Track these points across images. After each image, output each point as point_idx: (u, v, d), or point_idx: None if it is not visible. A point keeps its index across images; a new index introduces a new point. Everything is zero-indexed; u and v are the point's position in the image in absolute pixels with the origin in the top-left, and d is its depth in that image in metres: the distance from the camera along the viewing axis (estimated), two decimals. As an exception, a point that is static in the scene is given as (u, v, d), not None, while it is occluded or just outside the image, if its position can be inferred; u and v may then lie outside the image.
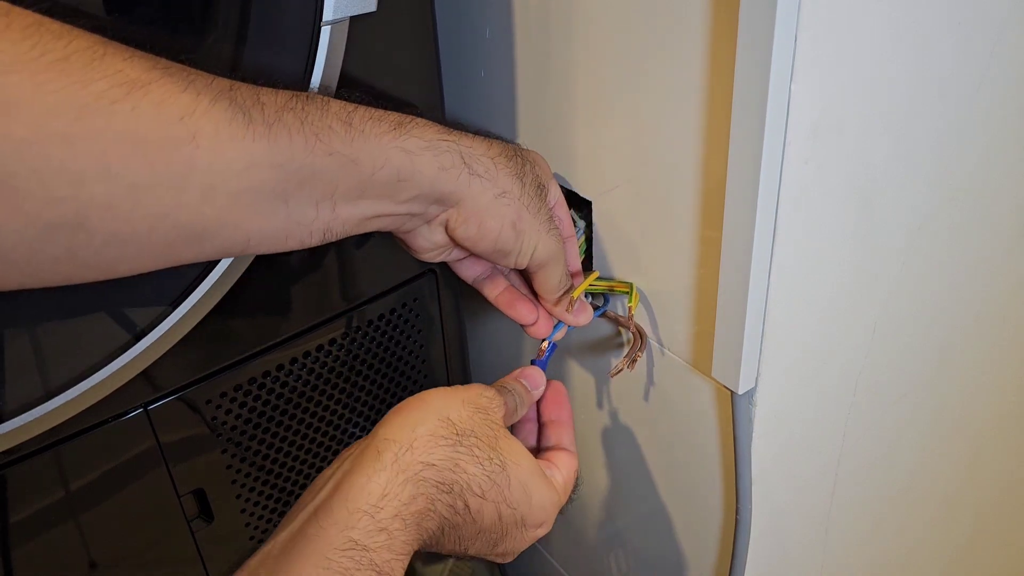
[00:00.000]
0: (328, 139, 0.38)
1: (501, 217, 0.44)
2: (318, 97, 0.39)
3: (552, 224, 0.47)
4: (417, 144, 0.41)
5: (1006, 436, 0.72)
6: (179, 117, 0.34)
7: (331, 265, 0.51)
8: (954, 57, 0.43)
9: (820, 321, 0.47)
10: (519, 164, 0.45)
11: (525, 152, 0.47)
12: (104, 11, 0.38)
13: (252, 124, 0.36)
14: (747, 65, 0.36)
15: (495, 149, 0.44)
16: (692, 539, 0.58)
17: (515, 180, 0.45)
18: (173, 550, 0.52)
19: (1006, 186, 0.53)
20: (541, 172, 0.48)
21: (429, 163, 0.41)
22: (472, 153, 0.43)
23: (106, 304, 0.42)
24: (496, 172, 0.44)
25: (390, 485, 0.38)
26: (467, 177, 0.43)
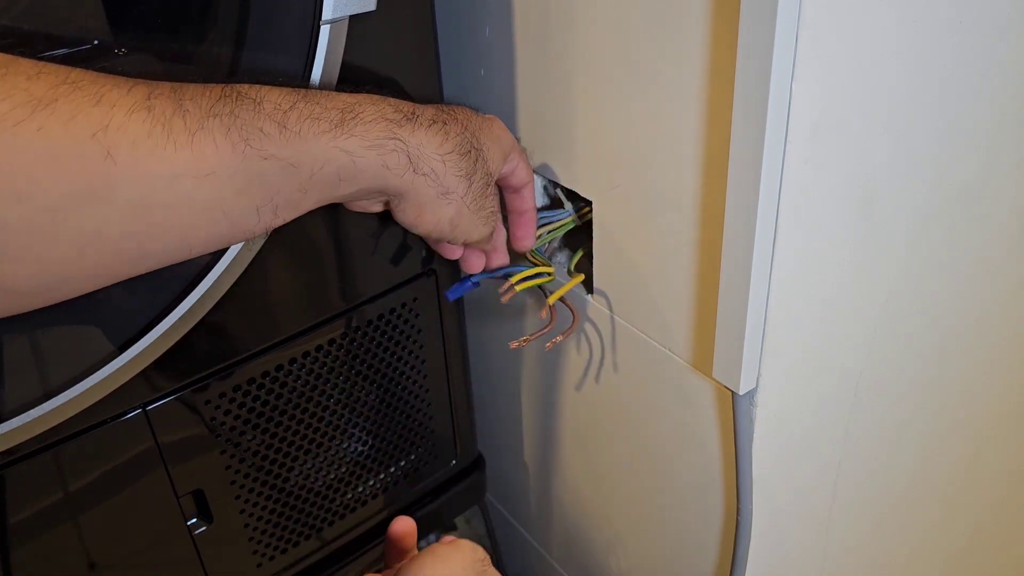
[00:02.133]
0: (260, 143, 0.37)
1: (439, 213, 0.44)
2: (252, 95, 0.37)
3: (491, 215, 0.47)
4: (359, 144, 0.40)
5: (1006, 436, 0.72)
6: (91, 134, 0.32)
7: (331, 265, 0.51)
8: (954, 57, 0.43)
9: (821, 321, 0.47)
10: (471, 162, 0.44)
11: (485, 142, 0.46)
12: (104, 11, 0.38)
13: (172, 134, 0.34)
14: (748, 65, 0.36)
15: (449, 145, 0.43)
16: (692, 539, 0.58)
17: (462, 180, 0.44)
18: (172, 551, 0.52)
19: (1006, 186, 0.53)
20: (493, 160, 0.47)
21: (372, 163, 0.40)
22: (421, 152, 0.42)
23: (105, 304, 0.42)
24: (444, 171, 0.43)
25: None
26: (411, 176, 0.42)
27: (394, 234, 0.53)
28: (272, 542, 0.56)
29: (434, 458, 0.64)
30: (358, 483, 0.59)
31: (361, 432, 0.58)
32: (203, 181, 0.35)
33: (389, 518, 0.63)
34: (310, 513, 0.57)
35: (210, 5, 0.40)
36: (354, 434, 0.58)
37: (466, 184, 0.44)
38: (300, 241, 0.49)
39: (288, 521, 0.56)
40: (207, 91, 0.36)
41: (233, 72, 0.42)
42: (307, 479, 0.56)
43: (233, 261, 0.45)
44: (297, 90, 0.39)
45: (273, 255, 0.47)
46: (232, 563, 0.55)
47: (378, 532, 0.63)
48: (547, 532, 0.78)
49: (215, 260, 0.44)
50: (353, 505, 0.60)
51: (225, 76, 0.42)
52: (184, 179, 0.35)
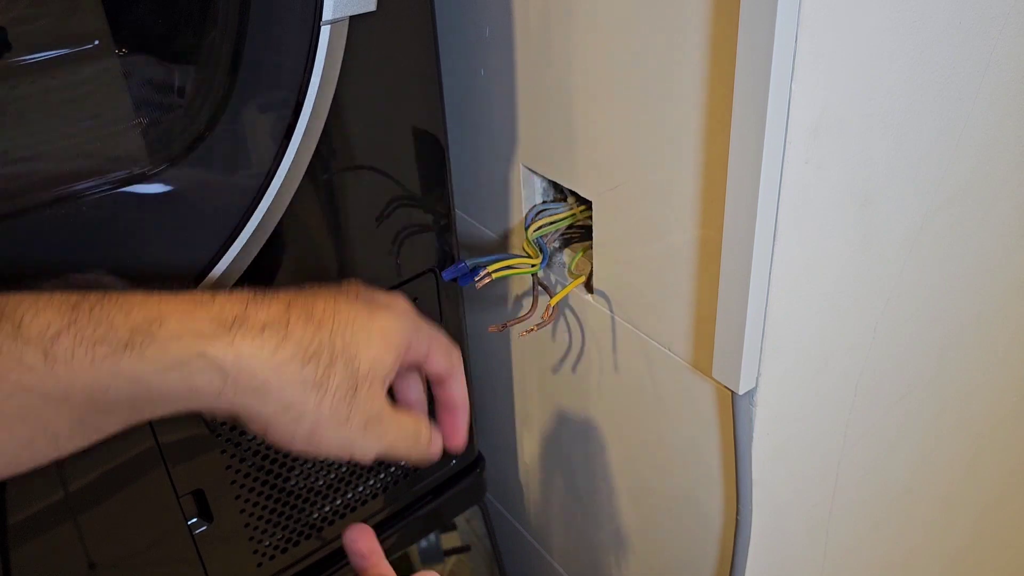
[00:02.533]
0: (16, 375, 0.32)
1: (290, 431, 0.37)
2: (15, 317, 0.32)
3: (372, 425, 0.39)
4: (151, 367, 0.33)
5: (1006, 436, 0.72)
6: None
7: (330, 265, 0.51)
8: (954, 57, 0.43)
9: (821, 321, 0.47)
10: (320, 368, 0.37)
11: (354, 339, 0.38)
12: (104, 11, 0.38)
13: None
14: (748, 65, 0.36)
15: (284, 353, 0.36)
16: (692, 539, 0.58)
17: (309, 391, 0.36)
18: (172, 551, 0.52)
19: (1006, 186, 0.53)
20: (368, 359, 0.38)
21: (174, 386, 0.34)
22: (243, 366, 0.35)
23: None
24: (279, 384, 0.36)
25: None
26: (231, 397, 0.35)
27: (394, 234, 0.53)
28: (272, 542, 0.56)
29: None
30: (358, 483, 0.59)
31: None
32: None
33: (389, 518, 0.63)
34: (310, 513, 0.57)
35: (210, 5, 0.40)
36: (354, 434, 0.58)
37: (316, 395, 0.37)
38: (300, 242, 0.49)
39: (288, 521, 0.56)
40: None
41: (233, 72, 0.42)
42: (307, 479, 0.56)
43: (234, 262, 0.45)
44: (81, 303, 0.33)
45: (273, 255, 0.47)
46: (232, 563, 0.55)
47: (378, 532, 0.63)
48: (547, 532, 0.78)
49: (215, 261, 0.45)
50: (353, 505, 0.60)
51: (225, 76, 0.42)
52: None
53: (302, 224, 0.48)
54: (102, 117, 0.41)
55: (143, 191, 0.42)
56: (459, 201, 0.65)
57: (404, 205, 0.53)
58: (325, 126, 0.46)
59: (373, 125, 0.49)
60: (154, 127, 0.42)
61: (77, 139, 0.40)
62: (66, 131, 0.40)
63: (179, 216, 0.43)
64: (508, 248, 0.62)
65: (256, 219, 0.45)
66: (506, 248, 0.62)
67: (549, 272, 0.59)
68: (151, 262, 0.43)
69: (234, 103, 0.42)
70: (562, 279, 0.57)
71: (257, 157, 0.44)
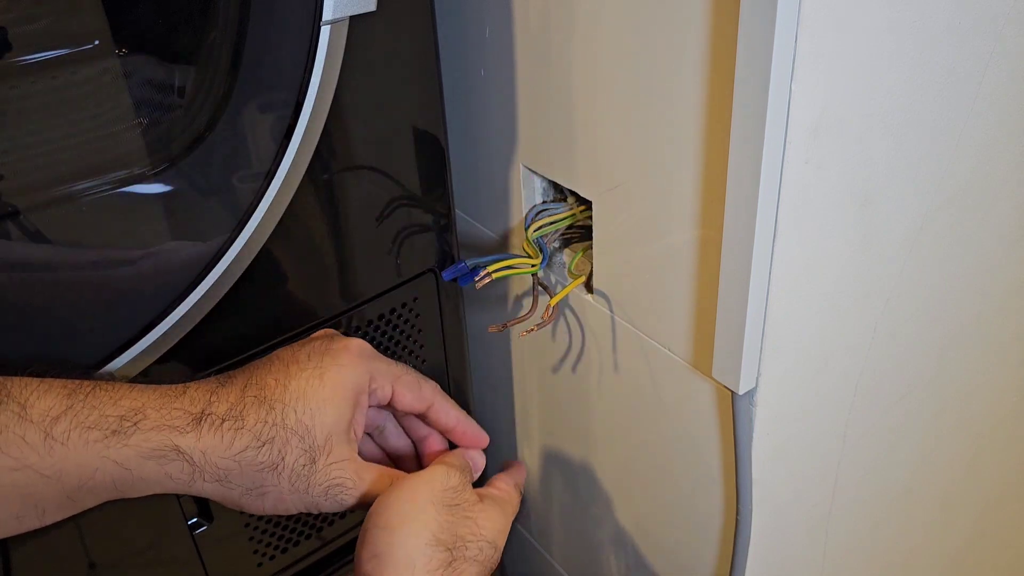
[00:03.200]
0: (19, 452, 0.35)
1: (256, 506, 0.41)
2: (20, 398, 0.36)
3: (333, 490, 0.43)
4: (134, 454, 0.37)
5: (1006, 436, 0.72)
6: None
7: (331, 265, 0.51)
8: (954, 57, 0.43)
9: (821, 321, 0.47)
10: (275, 450, 0.40)
11: (303, 413, 0.41)
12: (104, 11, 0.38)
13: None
14: (747, 65, 0.36)
15: (240, 443, 0.39)
16: (692, 539, 0.58)
17: (267, 472, 0.40)
18: (172, 551, 0.52)
19: (1006, 186, 0.53)
20: (322, 424, 0.42)
21: (152, 472, 0.38)
22: (208, 459, 0.39)
23: (104, 307, 0.42)
24: (239, 471, 0.40)
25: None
26: (201, 484, 0.39)
27: (394, 234, 0.53)
28: (272, 542, 0.56)
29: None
30: (358, 483, 0.59)
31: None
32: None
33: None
34: (310, 513, 0.57)
35: (210, 5, 0.40)
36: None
37: (274, 475, 0.40)
38: (300, 242, 0.49)
39: (288, 521, 0.56)
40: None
41: (233, 72, 0.42)
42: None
43: (233, 262, 0.45)
44: (78, 390, 0.37)
45: (273, 256, 0.47)
46: (232, 563, 0.55)
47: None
48: (547, 532, 0.78)
49: (215, 261, 0.45)
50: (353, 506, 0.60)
51: (225, 76, 0.42)
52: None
53: (302, 224, 0.48)
54: (102, 117, 0.41)
55: (143, 191, 0.42)
56: (459, 201, 0.65)
57: (404, 205, 0.53)
58: (325, 126, 0.46)
59: (373, 125, 0.49)
60: (154, 127, 0.42)
61: (77, 139, 0.40)
62: (66, 131, 0.40)
63: (179, 217, 0.44)
64: (508, 248, 0.62)
65: (256, 219, 0.45)
66: (506, 248, 0.62)
67: (549, 272, 0.59)
68: (151, 262, 0.43)
69: (234, 103, 0.42)
70: (562, 279, 0.57)
71: (257, 157, 0.44)
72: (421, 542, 0.40)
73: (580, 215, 0.56)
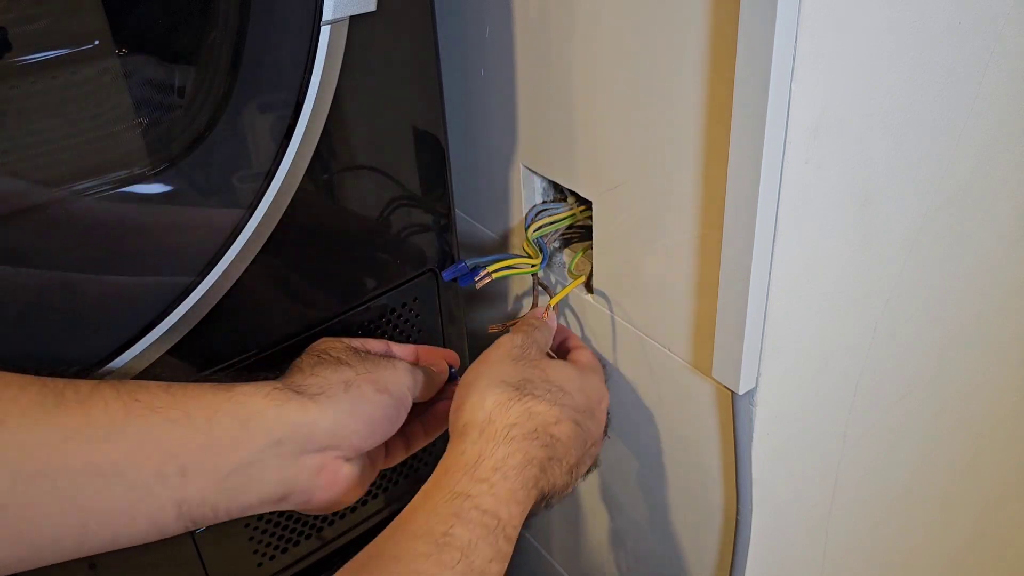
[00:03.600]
0: (149, 398, 0.38)
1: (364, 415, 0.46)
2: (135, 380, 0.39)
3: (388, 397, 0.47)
4: (246, 389, 0.42)
5: (1006, 436, 0.72)
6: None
7: (331, 266, 0.51)
8: (954, 57, 0.43)
9: (821, 321, 0.47)
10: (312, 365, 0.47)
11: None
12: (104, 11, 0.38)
13: (64, 403, 0.36)
14: (747, 65, 0.36)
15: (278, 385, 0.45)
16: (692, 539, 0.58)
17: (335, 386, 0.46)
18: (173, 551, 0.52)
19: (1006, 186, 0.53)
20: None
21: (262, 403, 0.42)
22: (294, 383, 0.44)
23: (104, 307, 0.42)
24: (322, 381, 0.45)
25: (483, 450, 0.42)
26: (298, 402, 0.43)
27: (394, 234, 0.53)
28: (272, 542, 0.56)
29: (434, 458, 0.64)
30: (358, 483, 0.59)
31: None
32: (93, 442, 0.36)
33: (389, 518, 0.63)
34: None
35: (210, 5, 0.40)
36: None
37: (344, 388, 0.46)
38: (300, 242, 0.49)
39: (288, 521, 0.56)
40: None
41: (233, 72, 0.42)
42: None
43: (234, 261, 0.45)
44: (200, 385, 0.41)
45: (273, 257, 0.47)
46: (232, 563, 0.55)
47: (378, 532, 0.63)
48: (547, 532, 0.78)
49: (214, 262, 0.45)
50: (353, 505, 0.60)
51: (225, 76, 0.42)
52: (73, 441, 0.35)
53: (302, 224, 0.48)
54: (102, 117, 0.41)
55: (143, 191, 0.42)
56: (459, 201, 0.65)
57: (404, 205, 0.53)
58: (325, 126, 0.46)
59: (373, 125, 0.49)
60: (154, 127, 0.42)
61: (77, 139, 0.40)
62: (66, 131, 0.40)
63: (179, 216, 0.43)
64: (508, 248, 0.62)
65: (256, 219, 0.45)
66: (506, 248, 0.62)
67: (549, 272, 0.59)
68: (151, 262, 0.43)
69: (234, 103, 0.42)
70: (562, 279, 0.57)
71: (257, 157, 0.44)
72: (491, 384, 0.46)
73: (580, 215, 0.56)
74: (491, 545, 0.39)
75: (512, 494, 0.41)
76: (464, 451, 0.43)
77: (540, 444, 0.44)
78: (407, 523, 0.39)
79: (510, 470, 0.42)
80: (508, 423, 0.44)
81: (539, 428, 0.44)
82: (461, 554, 0.38)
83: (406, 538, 0.38)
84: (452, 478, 0.41)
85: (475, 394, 0.45)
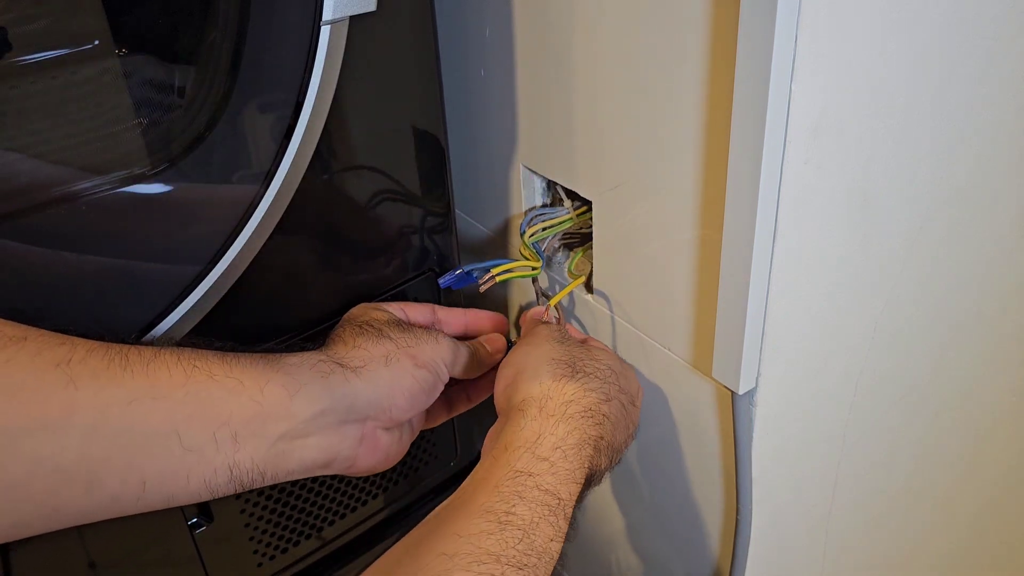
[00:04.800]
0: (207, 366, 0.40)
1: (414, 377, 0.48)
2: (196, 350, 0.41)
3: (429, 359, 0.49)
4: (293, 360, 0.44)
5: (1006, 436, 0.72)
6: (55, 364, 0.36)
7: (330, 265, 0.51)
8: (954, 57, 0.43)
9: (820, 321, 0.47)
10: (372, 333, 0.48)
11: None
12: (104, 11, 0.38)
13: (130, 365, 0.38)
14: (747, 65, 0.36)
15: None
16: (692, 539, 0.58)
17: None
18: (173, 550, 0.52)
19: (1006, 186, 0.53)
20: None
21: (309, 375, 0.44)
22: (337, 354, 0.46)
23: (104, 307, 0.42)
24: (367, 350, 0.47)
25: (543, 428, 0.43)
26: (341, 375, 0.45)
27: (394, 234, 0.53)
28: (272, 542, 0.56)
29: (434, 458, 0.64)
30: (358, 482, 0.59)
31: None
32: (156, 404, 0.38)
33: (389, 518, 0.63)
34: (310, 513, 0.57)
35: (210, 5, 0.40)
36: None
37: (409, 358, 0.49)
38: (300, 242, 0.49)
39: (288, 521, 0.56)
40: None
41: (233, 72, 0.42)
42: (306, 479, 0.56)
43: (233, 262, 0.45)
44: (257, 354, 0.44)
45: (273, 257, 0.47)
46: (232, 563, 0.55)
47: (378, 532, 0.63)
48: (547, 532, 0.78)
49: (215, 261, 0.45)
50: (353, 505, 0.60)
51: (225, 76, 0.42)
52: (138, 403, 0.37)
53: (302, 224, 0.48)
54: (102, 117, 0.41)
55: (143, 191, 0.42)
56: (459, 201, 0.65)
57: (404, 205, 0.53)
58: (325, 126, 0.46)
59: (373, 125, 0.49)
60: (154, 127, 0.42)
61: (77, 139, 0.40)
62: (66, 131, 0.40)
63: (179, 216, 0.44)
64: (507, 248, 0.62)
65: (256, 219, 0.45)
66: (505, 248, 0.62)
67: (549, 272, 0.59)
68: (151, 262, 0.43)
69: (234, 103, 0.42)
70: (562, 279, 0.57)
71: (257, 157, 0.44)
72: (543, 361, 0.47)
73: (578, 219, 0.56)
74: (552, 524, 0.39)
75: (571, 474, 0.42)
76: (524, 426, 0.43)
77: (594, 423, 0.44)
78: (469, 499, 0.40)
79: (569, 449, 0.42)
80: (565, 399, 0.44)
81: (592, 407, 0.45)
82: (523, 533, 0.38)
83: (468, 514, 0.39)
84: (513, 455, 0.42)
85: (528, 370, 0.46)
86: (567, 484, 0.41)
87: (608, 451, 0.46)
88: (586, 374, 0.47)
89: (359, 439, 0.46)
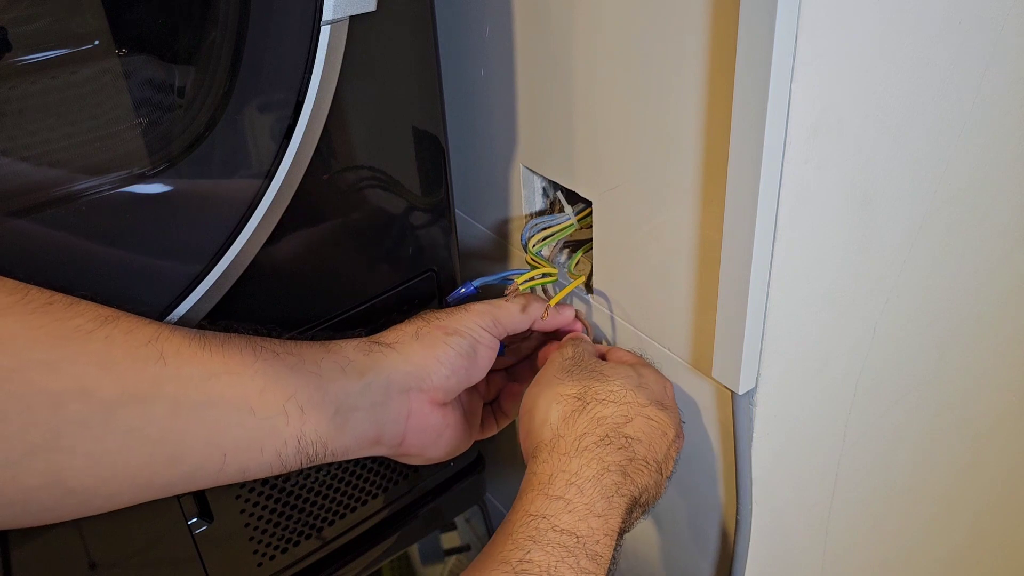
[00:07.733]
0: (271, 346, 0.44)
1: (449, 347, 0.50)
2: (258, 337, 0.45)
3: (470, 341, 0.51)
4: (339, 341, 0.48)
5: (1006, 436, 0.72)
6: (146, 341, 0.39)
7: (330, 266, 0.51)
8: (954, 57, 0.43)
9: (820, 321, 0.47)
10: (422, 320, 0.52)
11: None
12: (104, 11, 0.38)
13: (208, 344, 0.41)
14: (747, 65, 0.36)
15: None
16: (692, 539, 0.58)
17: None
18: (173, 550, 0.52)
19: (1006, 186, 0.53)
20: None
21: (353, 352, 0.48)
22: (374, 336, 0.50)
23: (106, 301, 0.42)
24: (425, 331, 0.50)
25: (555, 466, 0.43)
26: (380, 350, 0.49)
27: (394, 234, 0.53)
28: (272, 542, 0.56)
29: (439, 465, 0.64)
30: (358, 482, 0.59)
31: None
32: (231, 379, 0.41)
33: (389, 518, 0.63)
34: (310, 513, 0.57)
35: (210, 5, 0.40)
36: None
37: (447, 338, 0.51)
38: (300, 242, 0.49)
39: (288, 521, 0.56)
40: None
41: (233, 72, 0.42)
42: (307, 478, 0.56)
43: (233, 263, 0.45)
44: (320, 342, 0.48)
45: (273, 257, 0.47)
46: (232, 563, 0.55)
47: (378, 532, 0.63)
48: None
49: (215, 262, 0.45)
50: (353, 505, 0.60)
51: (225, 76, 0.42)
52: (216, 379, 0.41)
53: (302, 224, 0.48)
54: (102, 117, 0.41)
55: (143, 191, 0.42)
56: (459, 201, 0.65)
57: (404, 205, 0.53)
58: (325, 126, 0.46)
59: (373, 125, 0.49)
60: (154, 127, 0.42)
61: (77, 139, 0.40)
62: (66, 131, 0.40)
63: (179, 216, 0.44)
64: (507, 248, 0.62)
65: (256, 219, 0.45)
66: (505, 248, 0.62)
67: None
68: (151, 262, 0.43)
69: (234, 103, 0.42)
70: (562, 279, 0.57)
71: (257, 157, 0.44)
72: (552, 400, 0.46)
73: (579, 223, 0.56)
74: (571, 567, 0.39)
75: (590, 507, 0.41)
76: (536, 471, 0.43)
77: (615, 448, 0.43)
78: (487, 552, 0.40)
79: (585, 483, 0.42)
80: (577, 435, 0.44)
81: (610, 433, 0.44)
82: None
83: (484, 568, 0.39)
84: (526, 500, 0.42)
85: (538, 414, 0.46)
86: (586, 519, 0.40)
87: (647, 467, 0.45)
88: (598, 402, 0.46)
89: (405, 414, 0.48)
